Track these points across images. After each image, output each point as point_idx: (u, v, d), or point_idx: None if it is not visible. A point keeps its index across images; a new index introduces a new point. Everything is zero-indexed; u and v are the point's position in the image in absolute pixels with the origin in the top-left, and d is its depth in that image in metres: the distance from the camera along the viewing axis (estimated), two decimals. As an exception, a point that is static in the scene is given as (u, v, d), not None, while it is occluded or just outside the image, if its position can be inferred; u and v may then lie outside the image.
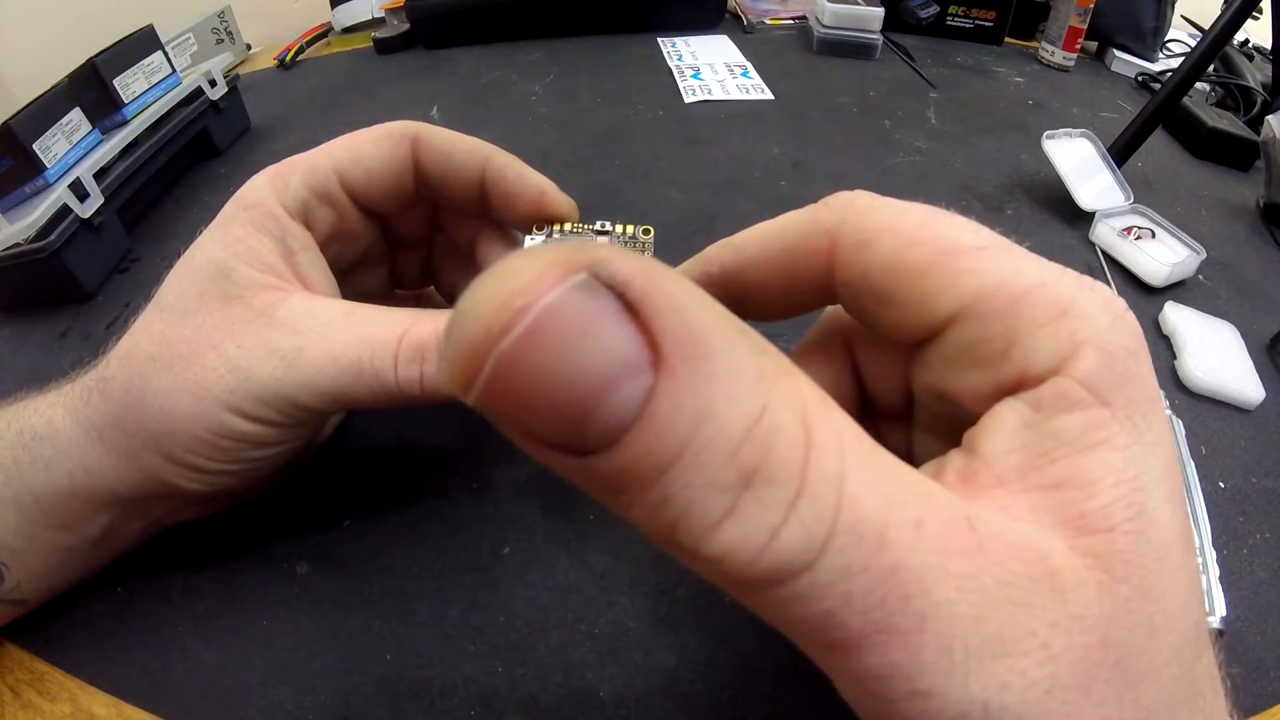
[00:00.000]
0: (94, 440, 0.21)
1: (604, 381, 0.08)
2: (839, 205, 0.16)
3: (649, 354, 0.08)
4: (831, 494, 0.09)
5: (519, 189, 0.23)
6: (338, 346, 0.20)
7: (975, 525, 0.11)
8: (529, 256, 0.09)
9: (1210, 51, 0.43)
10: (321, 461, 0.27)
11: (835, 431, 0.10)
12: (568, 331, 0.08)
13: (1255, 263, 0.42)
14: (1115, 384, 0.12)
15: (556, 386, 0.08)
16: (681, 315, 0.09)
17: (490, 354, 0.08)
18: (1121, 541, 0.11)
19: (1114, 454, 0.12)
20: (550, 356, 0.08)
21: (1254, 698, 0.23)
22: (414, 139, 0.23)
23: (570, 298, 0.08)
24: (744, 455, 0.09)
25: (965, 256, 0.14)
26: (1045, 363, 0.13)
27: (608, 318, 0.08)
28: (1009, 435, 0.13)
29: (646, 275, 0.09)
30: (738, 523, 0.09)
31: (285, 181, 0.22)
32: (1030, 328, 0.13)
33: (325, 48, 0.70)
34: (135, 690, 0.22)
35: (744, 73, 0.61)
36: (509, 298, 0.08)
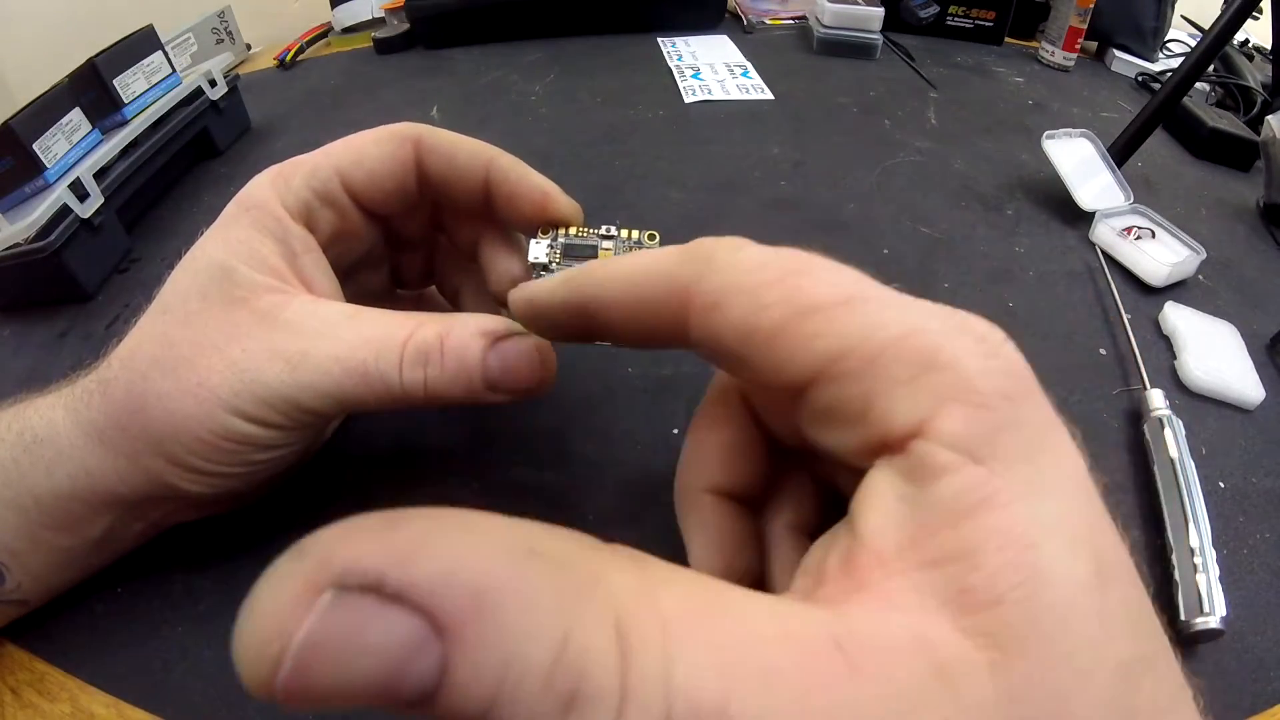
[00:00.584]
0: (95, 442, 0.21)
1: (391, 672, 0.09)
2: (698, 258, 0.15)
3: (429, 628, 0.09)
4: (658, 693, 0.09)
5: (522, 192, 0.23)
6: (342, 349, 0.20)
7: (844, 644, 0.10)
8: (270, 586, 0.09)
9: (1210, 51, 0.43)
10: (321, 461, 0.27)
11: (657, 622, 0.10)
12: (335, 652, 0.09)
13: (1255, 263, 0.42)
14: (988, 437, 0.12)
15: (349, 691, 0.09)
16: (454, 579, 0.09)
17: (274, 688, 0.09)
18: (1011, 613, 0.10)
19: (996, 515, 0.11)
20: (329, 674, 0.09)
21: (1254, 698, 0.23)
22: (416, 141, 0.23)
23: (323, 624, 0.09)
24: (558, 684, 0.09)
25: (817, 317, 0.13)
26: (905, 425, 0.12)
27: (370, 618, 0.09)
28: (886, 511, 0.12)
29: (398, 559, 0.09)
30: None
31: (287, 182, 0.22)
32: (887, 388, 0.12)
33: (325, 48, 0.70)
34: (135, 690, 0.22)
35: (744, 73, 0.61)
36: (265, 644, 0.09)
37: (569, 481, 0.27)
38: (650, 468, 0.28)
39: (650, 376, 0.31)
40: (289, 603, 0.09)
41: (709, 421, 0.19)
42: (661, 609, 0.10)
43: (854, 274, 0.14)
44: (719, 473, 0.19)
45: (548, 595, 0.09)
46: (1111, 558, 0.12)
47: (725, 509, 0.19)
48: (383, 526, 0.10)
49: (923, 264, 0.39)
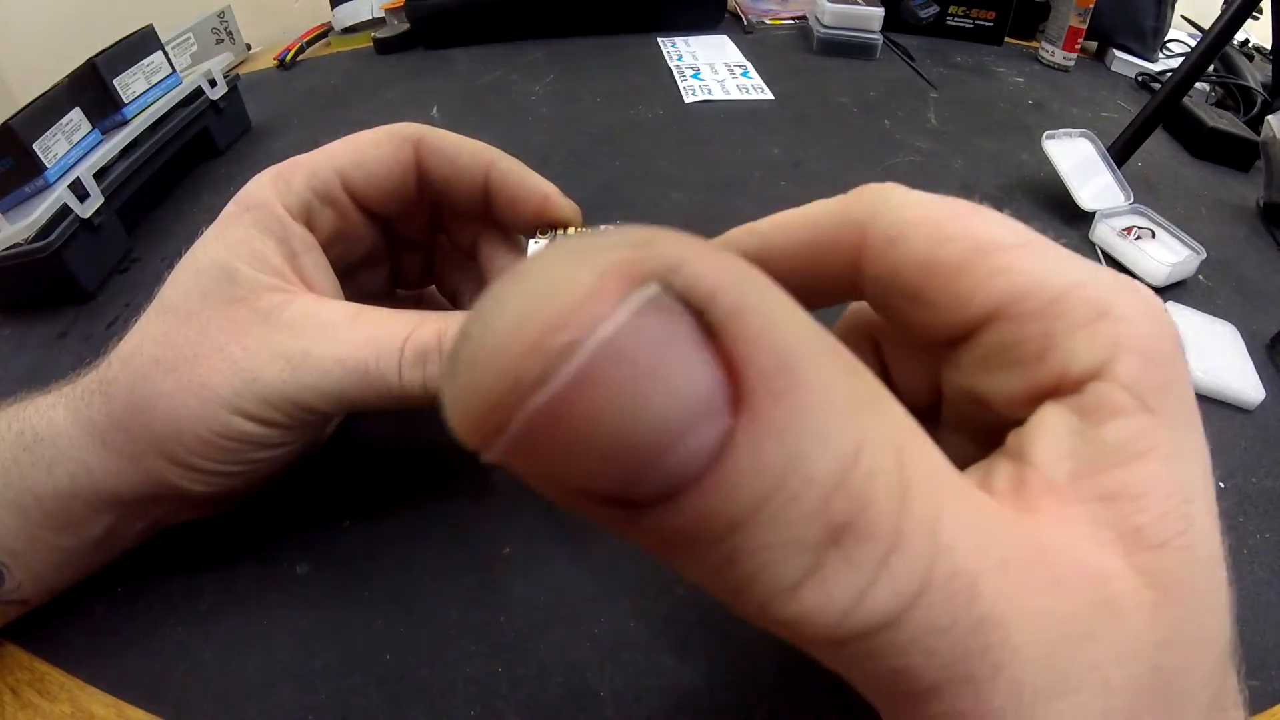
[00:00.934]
0: (96, 442, 0.21)
1: (670, 433, 0.07)
2: (870, 198, 0.15)
3: (729, 389, 0.07)
4: (927, 546, 0.08)
5: (522, 194, 0.23)
6: (344, 349, 0.20)
7: (1049, 556, 0.10)
8: (574, 253, 0.07)
9: (1210, 51, 0.43)
10: (321, 461, 0.27)
11: (930, 466, 0.09)
12: (630, 377, 0.06)
13: (1255, 263, 0.42)
14: (1157, 390, 0.12)
15: (607, 442, 0.06)
16: (771, 338, 0.07)
17: (518, 411, 0.06)
18: (1173, 559, 0.11)
19: (1161, 464, 0.11)
20: (603, 409, 0.06)
21: (1254, 698, 0.23)
22: (417, 142, 0.23)
23: (636, 327, 0.06)
24: (835, 508, 0.07)
25: (1000, 254, 0.13)
26: (1084, 366, 0.12)
27: (682, 348, 0.07)
28: (1058, 442, 0.12)
29: (733, 282, 0.07)
30: (820, 586, 0.08)
31: (288, 183, 0.22)
32: (1068, 330, 0.12)
33: (325, 48, 0.70)
34: (135, 690, 0.22)
35: (744, 73, 0.61)
36: (547, 329, 0.06)
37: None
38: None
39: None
40: (592, 283, 0.06)
41: None
42: (931, 456, 0.09)
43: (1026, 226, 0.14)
44: None
45: (845, 396, 0.08)
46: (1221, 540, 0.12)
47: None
48: (704, 244, 0.07)
49: (923, 264, 0.39)
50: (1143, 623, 0.10)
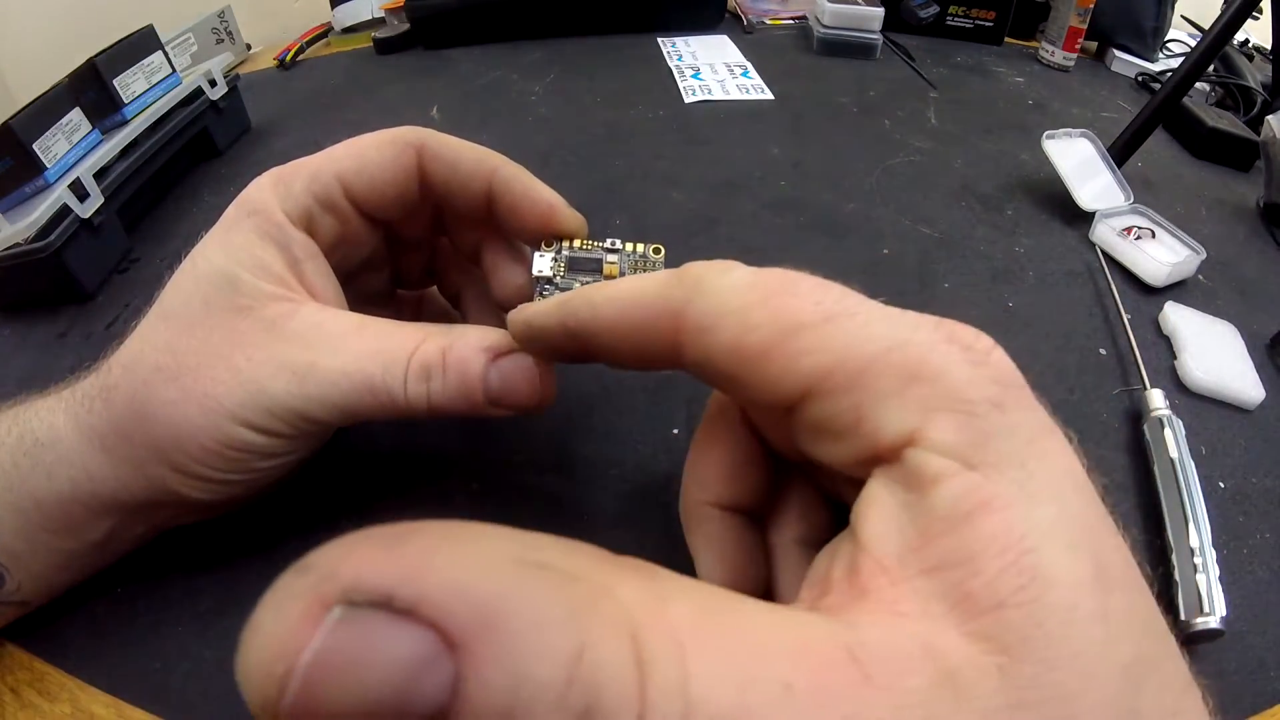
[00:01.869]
0: (97, 448, 0.21)
1: (403, 689, 0.08)
2: (689, 282, 0.15)
3: (441, 644, 0.08)
4: (677, 707, 0.09)
5: (526, 203, 0.23)
6: (349, 362, 0.20)
7: (857, 653, 0.10)
8: (275, 604, 0.09)
9: (1210, 51, 0.43)
10: (321, 461, 0.27)
11: (670, 633, 0.09)
12: (345, 669, 0.08)
13: (1255, 263, 0.42)
14: (979, 443, 0.12)
15: (360, 710, 0.08)
16: (464, 594, 0.09)
17: (281, 713, 0.08)
18: (1013, 617, 0.10)
19: (993, 519, 0.11)
20: (338, 696, 0.08)
21: (1254, 697, 0.23)
22: (419, 147, 0.23)
23: (332, 642, 0.08)
24: (573, 701, 0.08)
25: (804, 334, 0.13)
26: (896, 435, 0.12)
27: (381, 634, 0.08)
28: (886, 519, 0.12)
29: (406, 573, 0.09)
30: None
31: (288, 188, 0.22)
32: (875, 400, 0.13)
33: (325, 48, 0.70)
34: (135, 690, 0.22)
35: (744, 73, 0.61)
36: (271, 664, 0.08)
37: (569, 482, 0.27)
38: (650, 468, 0.28)
39: (650, 377, 0.31)
40: (295, 620, 0.09)
41: (710, 437, 0.19)
42: (674, 620, 0.10)
43: (839, 290, 0.14)
44: (722, 487, 0.19)
45: (560, 609, 0.09)
46: (1112, 559, 0.12)
47: (730, 523, 0.19)
48: (388, 541, 0.09)
49: (923, 264, 0.39)
50: (989, 689, 0.10)
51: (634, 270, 0.23)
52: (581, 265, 0.23)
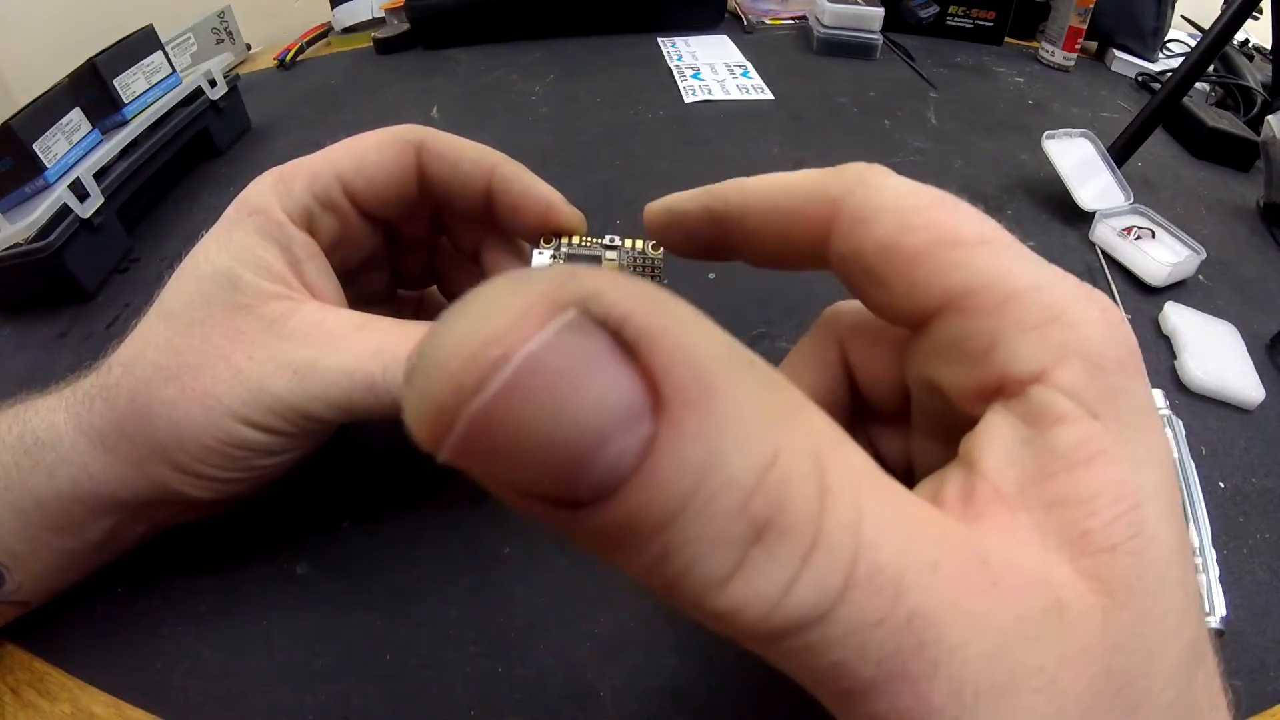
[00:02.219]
0: (98, 447, 0.21)
1: (597, 435, 0.07)
2: (849, 177, 0.15)
3: (649, 399, 0.08)
4: (848, 543, 0.09)
5: (526, 201, 0.23)
6: (351, 360, 0.20)
7: (988, 560, 0.10)
8: (509, 287, 0.08)
9: (1210, 51, 0.43)
10: (321, 461, 0.27)
11: (852, 472, 0.09)
12: (554, 384, 0.07)
13: (1255, 263, 0.42)
14: (1103, 397, 0.12)
15: (542, 444, 0.07)
16: (685, 354, 0.08)
17: (461, 413, 0.07)
18: (1123, 562, 0.11)
19: (1110, 469, 0.11)
20: (534, 413, 0.07)
21: (1254, 698, 0.23)
22: (419, 145, 0.23)
23: (557, 343, 0.07)
24: (755, 507, 0.08)
25: (959, 249, 0.13)
26: (1026, 369, 0.12)
27: (601, 363, 0.08)
28: (1005, 450, 0.12)
29: (646, 308, 0.08)
30: (747, 579, 0.08)
31: (289, 187, 0.22)
32: (1014, 331, 0.13)
33: (325, 48, 0.70)
34: (135, 690, 0.22)
35: (744, 73, 0.61)
36: (484, 343, 0.07)
37: (569, 481, 0.27)
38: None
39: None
40: (524, 307, 0.07)
41: (801, 365, 0.19)
42: (853, 463, 0.10)
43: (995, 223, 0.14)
44: None
45: (762, 408, 0.09)
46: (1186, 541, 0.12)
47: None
48: (623, 277, 0.08)
49: (923, 264, 0.39)
50: (1093, 626, 0.10)
51: (633, 266, 0.23)
52: (580, 262, 0.23)
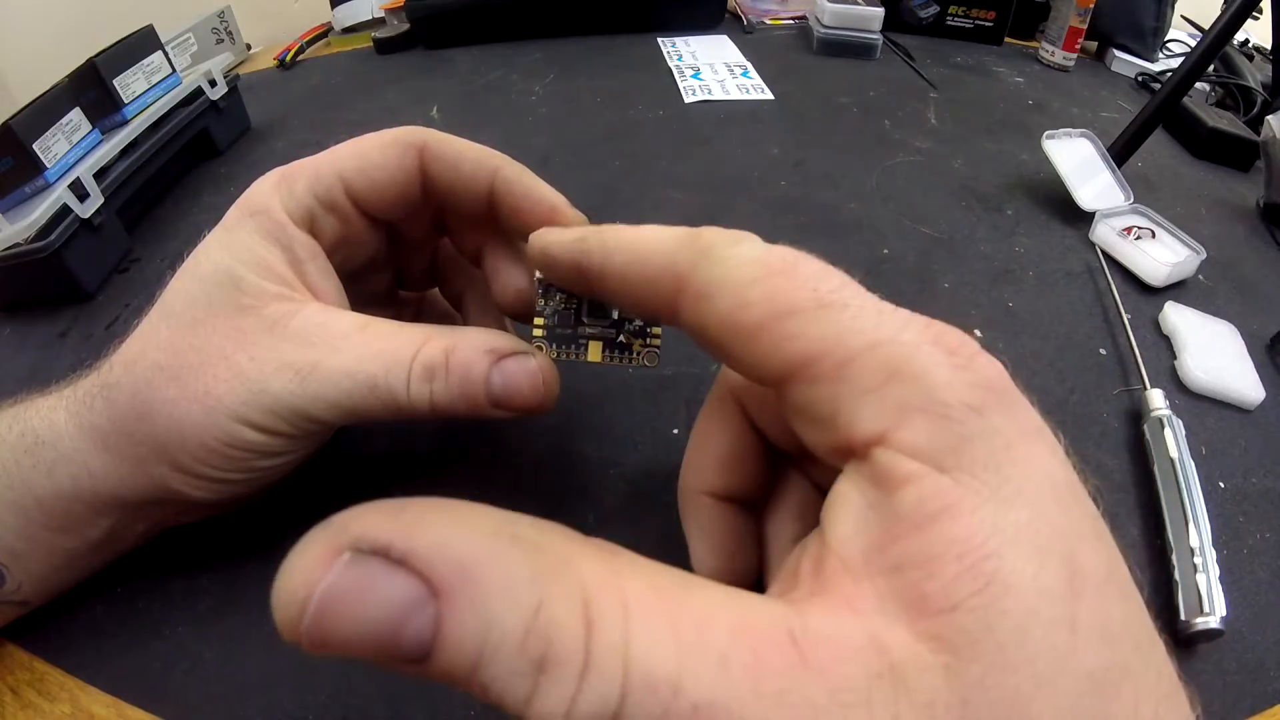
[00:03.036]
0: (98, 446, 0.21)
1: (394, 624, 0.10)
2: (697, 248, 0.15)
3: (426, 590, 0.10)
4: (616, 662, 0.10)
5: (529, 204, 0.23)
6: (352, 362, 0.20)
7: (798, 637, 0.11)
8: (301, 550, 0.11)
9: (1210, 51, 0.43)
10: (321, 461, 0.27)
11: (619, 602, 0.11)
12: (349, 602, 0.10)
13: (1255, 263, 0.42)
14: (952, 446, 0.12)
15: (361, 635, 0.10)
16: (445, 552, 0.11)
17: (298, 630, 0.11)
18: (965, 620, 0.11)
19: (957, 523, 0.11)
20: (345, 619, 0.10)
21: (1254, 698, 0.23)
22: (421, 147, 0.23)
23: (341, 579, 0.10)
24: (530, 647, 0.10)
25: (795, 319, 0.13)
26: (868, 432, 0.13)
27: (379, 577, 0.10)
28: (853, 517, 0.13)
29: (403, 532, 0.11)
30: (541, 700, 0.10)
31: (290, 188, 0.22)
32: (853, 395, 0.13)
33: (325, 48, 0.70)
34: (135, 690, 0.22)
35: (744, 73, 0.61)
36: (294, 593, 0.11)
37: (569, 482, 0.27)
38: (650, 468, 0.28)
39: (650, 376, 0.31)
40: (315, 561, 0.11)
41: (708, 426, 0.20)
42: (625, 592, 0.11)
43: (840, 279, 0.14)
44: (718, 477, 0.19)
45: (524, 572, 0.11)
46: (1090, 565, 0.12)
47: (725, 512, 0.19)
48: (392, 508, 0.11)
49: (923, 264, 0.39)
50: (934, 684, 0.11)
51: None
52: None
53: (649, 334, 0.22)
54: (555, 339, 0.22)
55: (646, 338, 0.22)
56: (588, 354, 0.22)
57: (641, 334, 0.22)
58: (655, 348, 0.22)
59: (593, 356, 0.22)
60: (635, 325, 0.22)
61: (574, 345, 0.22)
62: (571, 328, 0.22)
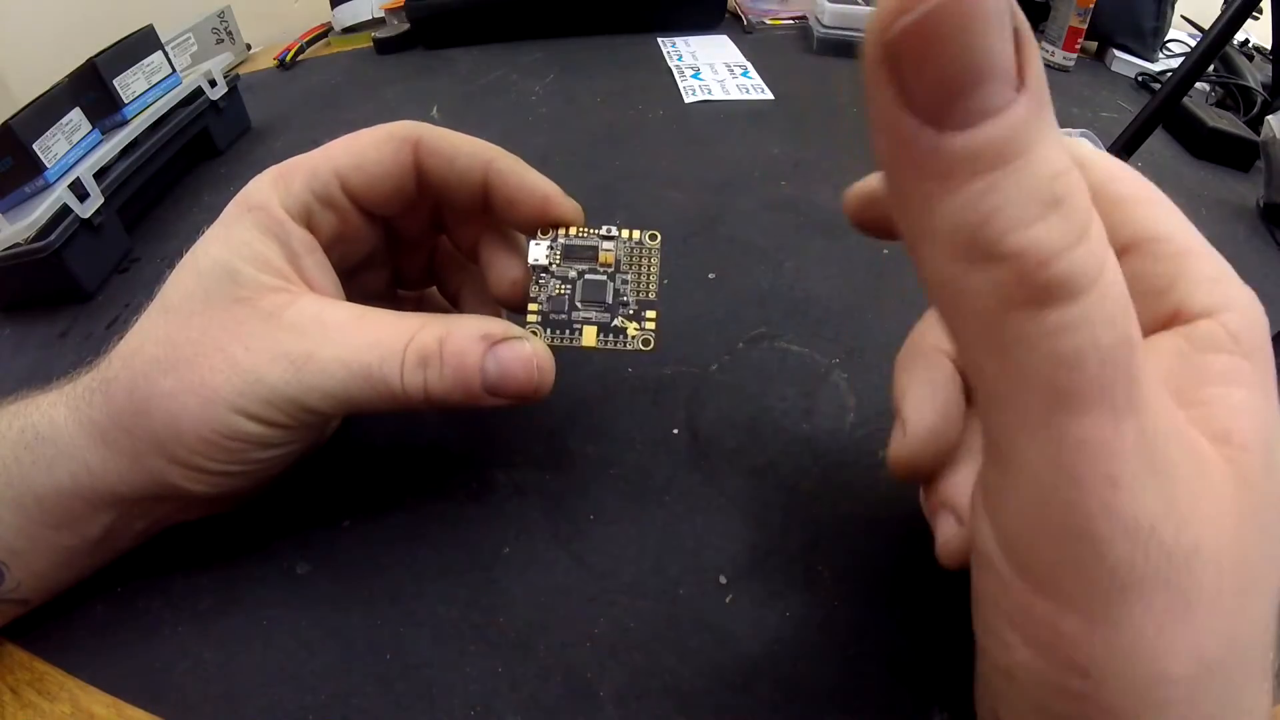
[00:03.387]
0: (97, 441, 0.21)
1: (988, 72, 0.10)
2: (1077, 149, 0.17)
3: (1017, 77, 0.10)
4: (1104, 250, 0.11)
5: (522, 194, 0.23)
6: (347, 351, 0.20)
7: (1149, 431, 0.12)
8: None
9: (1210, 51, 0.43)
10: (321, 461, 0.27)
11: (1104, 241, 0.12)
12: (973, 23, 0.09)
13: (1255, 263, 0.42)
14: (1254, 346, 0.14)
15: (954, 55, 0.10)
16: (1038, 69, 0.10)
17: (917, 7, 0.09)
18: (1254, 460, 0.13)
19: (1253, 395, 0.14)
20: (962, 32, 0.09)
21: (1254, 698, 0.23)
22: (416, 142, 0.23)
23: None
24: (1058, 185, 0.10)
25: (1152, 206, 0.16)
26: (1200, 307, 0.15)
27: (1001, 31, 0.10)
28: (1164, 362, 0.15)
29: (1027, 25, 0.10)
30: (1044, 229, 0.10)
31: (288, 185, 0.22)
32: (1193, 277, 0.15)
33: (325, 48, 0.70)
34: (135, 690, 0.22)
35: (744, 73, 0.61)
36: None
37: (569, 482, 0.27)
38: (650, 468, 0.28)
39: (650, 376, 0.31)
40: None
41: (923, 390, 0.20)
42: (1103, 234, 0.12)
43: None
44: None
45: (1060, 144, 0.11)
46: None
47: (954, 374, 0.20)
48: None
49: (923, 264, 0.39)
50: (1228, 492, 0.12)
51: (630, 256, 0.23)
52: (577, 253, 0.23)
53: (643, 318, 0.22)
54: (550, 324, 0.23)
55: (641, 321, 0.22)
56: (583, 338, 0.22)
57: (636, 318, 0.22)
58: (651, 331, 0.22)
59: (587, 341, 0.22)
60: (630, 309, 0.22)
61: (568, 330, 0.22)
62: (566, 313, 0.23)
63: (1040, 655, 0.13)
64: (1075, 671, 0.12)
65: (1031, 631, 0.13)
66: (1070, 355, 0.11)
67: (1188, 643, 0.12)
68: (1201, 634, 0.12)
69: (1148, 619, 0.12)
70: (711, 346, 0.33)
